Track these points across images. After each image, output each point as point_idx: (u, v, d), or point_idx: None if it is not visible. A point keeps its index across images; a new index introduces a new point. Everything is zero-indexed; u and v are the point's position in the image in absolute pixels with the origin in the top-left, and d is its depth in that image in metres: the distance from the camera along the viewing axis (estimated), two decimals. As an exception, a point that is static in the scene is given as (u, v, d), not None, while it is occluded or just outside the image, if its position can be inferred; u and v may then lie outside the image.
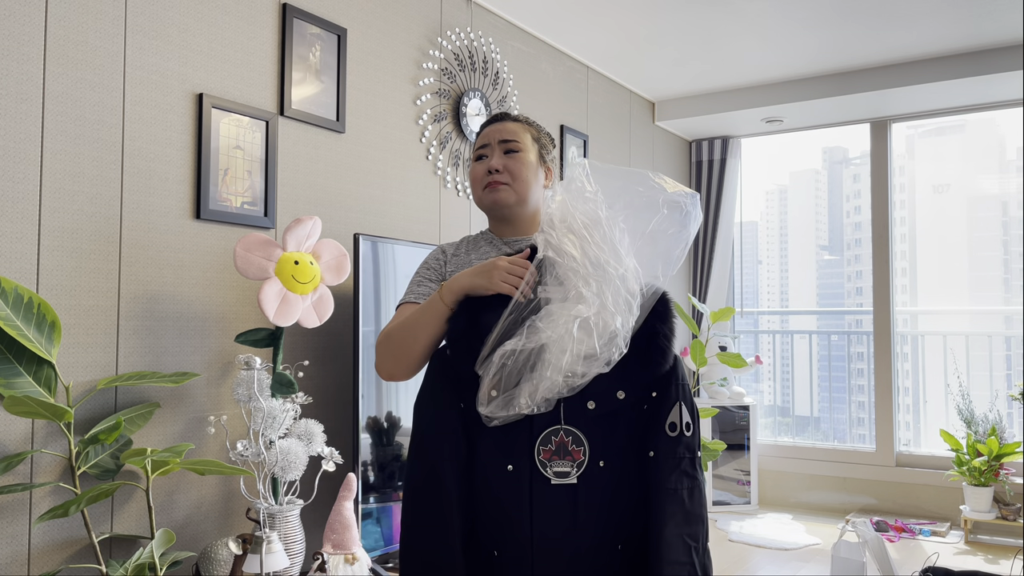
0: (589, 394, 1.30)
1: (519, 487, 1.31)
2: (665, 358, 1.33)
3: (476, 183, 1.56)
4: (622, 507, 1.33)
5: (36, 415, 1.70)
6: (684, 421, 1.33)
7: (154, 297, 2.08)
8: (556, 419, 1.31)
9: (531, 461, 1.30)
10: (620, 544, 1.33)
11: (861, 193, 5.10)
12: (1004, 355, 4.60)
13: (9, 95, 1.80)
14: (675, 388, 1.35)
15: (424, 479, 1.34)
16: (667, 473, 1.31)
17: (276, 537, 1.94)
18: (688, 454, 1.32)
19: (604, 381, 1.30)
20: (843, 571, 2.85)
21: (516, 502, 1.31)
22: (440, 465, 1.33)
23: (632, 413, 1.34)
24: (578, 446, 1.31)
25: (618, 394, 1.31)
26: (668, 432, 1.32)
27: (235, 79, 2.30)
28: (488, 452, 1.33)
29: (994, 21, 3.48)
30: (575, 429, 1.31)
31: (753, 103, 4.42)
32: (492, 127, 1.58)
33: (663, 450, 1.32)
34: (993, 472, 3.84)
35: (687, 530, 1.30)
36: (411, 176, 2.92)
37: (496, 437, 1.32)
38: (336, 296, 2.31)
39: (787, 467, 4.70)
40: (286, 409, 2.10)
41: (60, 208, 1.89)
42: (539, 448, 1.31)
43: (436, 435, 1.35)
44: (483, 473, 1.33)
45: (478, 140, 1.60)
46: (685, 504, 1.30)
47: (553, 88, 3.74)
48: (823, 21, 3.49)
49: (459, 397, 1.35)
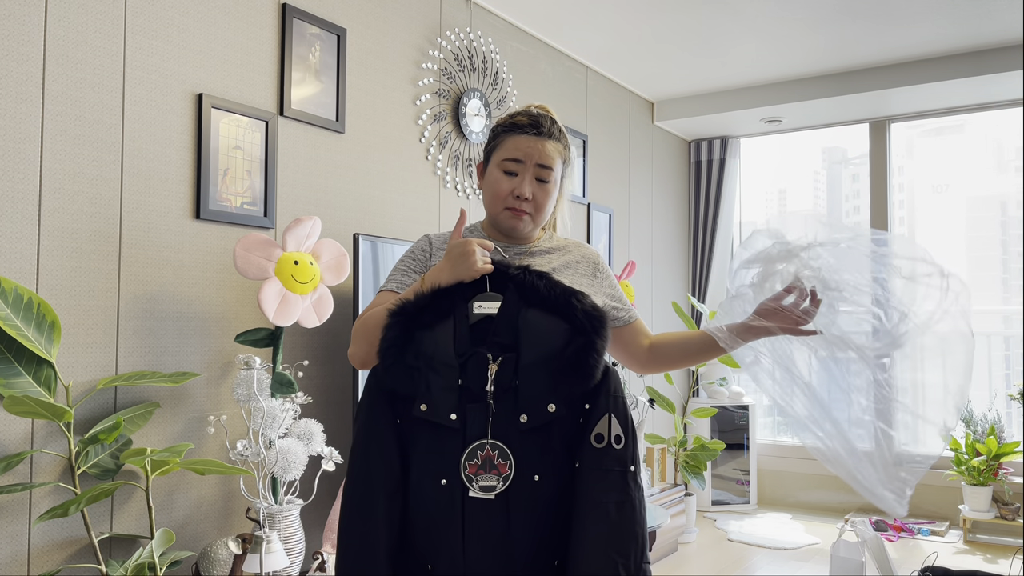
0: (522, 407, 1.30)
1: (452, 501, 1.30)
2: (594, 371, 1.31)
3: (498, 197, 1.51)
4: (559, 522, 1.32)
5: (36, 415, 1.70)
6: (613, 433, 1.30)
7: (154, 297, 2.08)
8: (484, 433, 1.30)
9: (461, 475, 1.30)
10: (557, 560, 1.32)
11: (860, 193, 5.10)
12: (1003, 355, 4.60)
13: (9, 95, 1.80)
14: (604, 398, 1.32)
15: (357, 496, 1.35)
16: (591, 485, 1.29)
17: (276, 537, 1.94)
18: (618, 467, 1.29)
19: (536, 394, 1.30)
20: (842, 571, 2.85)
21: (448, 516, 1.30)
22: (372, 482, 1.33)
23: (569, 426, 1.33)
24: (504, 460, 1.30)
25: (549, 407, 1.30)
26: (594, 443, 1.30)
27: (235, 79, 2.30)
28: (422, 466, 1.33)
29: (993, 21, 3.48)
30: (500, 443, 1.30)
31: (752, 103, 4.42)
32: (532, 144, 1.50)
33: (588, 462, 1.30)
34: (992, 472, 3.84)
35: (613, 545, 1.26)
36: (411, 176, 2.92)
37: (430, 451, 1.32)
38: (336, 296, 2.32)
39: (786, 467, 4.71)
40: (286, 409, 2.11)
41: (60, 208, 1.89)
42: (465, 463, 1.30)
43: (369, 452, 1.35)
44: (417, 487, 1.33)
45: (510, 146, 1.50)
46: (611, 517, 1.27)
47: (552, 88, 3.74)
48: (823, 21, 3.49)
49: (394, 412, 1.35)
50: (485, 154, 1.57)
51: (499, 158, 1.51)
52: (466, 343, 1.33)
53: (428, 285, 1.39)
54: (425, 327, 1.34)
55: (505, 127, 1.54)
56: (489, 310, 1.36)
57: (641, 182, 4.54)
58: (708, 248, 4.95)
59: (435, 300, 1.37)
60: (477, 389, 1.31)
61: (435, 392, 1.31)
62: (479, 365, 1.31)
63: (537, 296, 1.35)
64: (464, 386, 1.31)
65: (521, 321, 1.34)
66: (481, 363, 1.31)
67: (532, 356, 1.31)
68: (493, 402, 1.30)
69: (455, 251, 1.38)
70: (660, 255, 4.75)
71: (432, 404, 1.31)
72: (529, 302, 1.35)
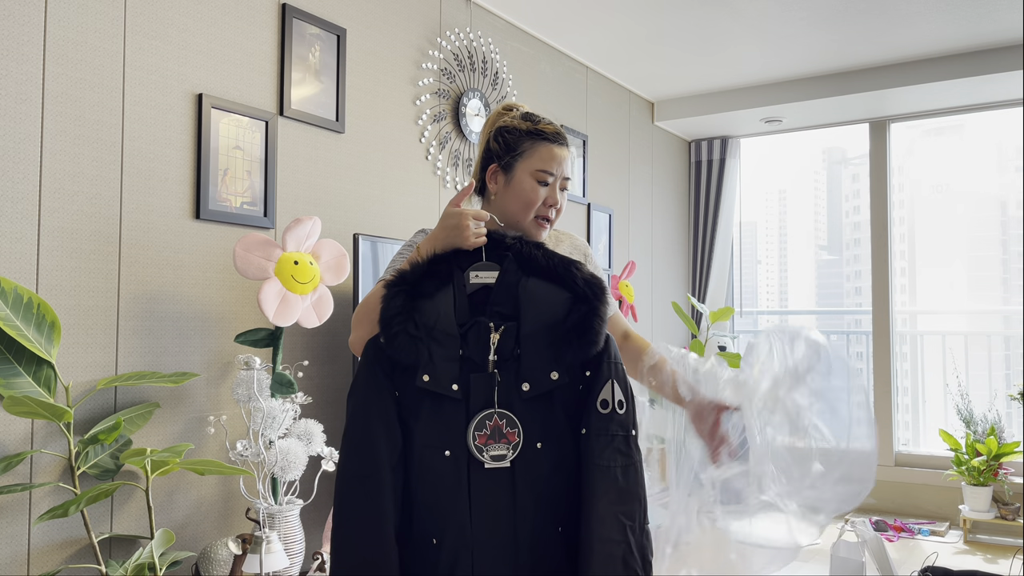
0: (524, 376, 1.31)
1: (457, 472, 1.31)
2: (597, 338, 1.34)
3: (530, 206, 1.53)
4: (561, 489, 1.34)
5: (36, 415, 1.70)
6: (616, 399, 1.33)
7: (154, 297, 2.08)
8: (490, 403, 1.32)
9: (467, 446, 1.31)
10: (560, 527, 1.34)
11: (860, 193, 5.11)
12: (1003, 355, 4.60)
13: (9, 95, 1.80)
14: (607, 366, 1.35)
15: (358, 469, 1.34)
16: (599, 450, 1.31)
17: (276, 537, 1.94)
18: (622, 432, 1.33)
19: (538, 363, 1.31)
20: (842, 571, 2.85)
21: (454, 488, 1.31)
22: (375, 455, 1.33)
23: (570, 394, 1.35)
24: (512, 428, 1.32)
25: (551, 375, 1.32)
26: (600, 409, 1.32)
27: (235, 79, 2.30)
28: (425, 438, 1.34)
29: (994, 21, 3.48)
30: (508, 412, 1.31)
31: (752, 103, 4.42)
32: (562, 154, 1.56)
33: (595, 427, 1.32)
34: (992, 472, 3.84)
35: (621, 508, 1.30)
36: (410, 176, 2.92)
37: (433, 423, 1.33)
38: (335, 296, 2.32)
39: (786, 467, 4.70)
40: (286, 409, 2.11)
41: (60, 208, 1.89)
42: (474, 433, 1.31)
43: (371, 424, 1.35)
44: (420, 460, 1.34)
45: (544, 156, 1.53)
46: (619, 481, 1.30)
47: (552, 88, 3.74)
48: (823, 21, 3.49)
49: (394, 384, 1.35)
50: (506, 159, 1.55)
51: (531, 167, 1.52)
52: (465, 313, 1.34)
53: (424, 253, 1.40)
54: (425, 296, 1.35)
55: (531, 134, 1.55)
56: (486, 280, 1.37)
57: (641, 182, 4.54)
58: (708, 248, 4.95)
59: (432, 267, 1.38)
60: (479, 359, 1.32)
61: (437, 362, 1.32)
62: (480, 334, 1.32)
63: (536, 265, 1.37)
64: (465, 356, 1.32)
65: (521, 290, 1.35)
66: (482, 332, 1.32)
67: (534, 325, 1.32)
68: (496, 371, 1.31)
69: (450, 221, 1.39)
70: (660, 255, 4.75)
71: (434, 374, 1.31)
72: (528, 271, 1.37)
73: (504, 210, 1.55)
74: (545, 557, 1.33)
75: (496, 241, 1.40)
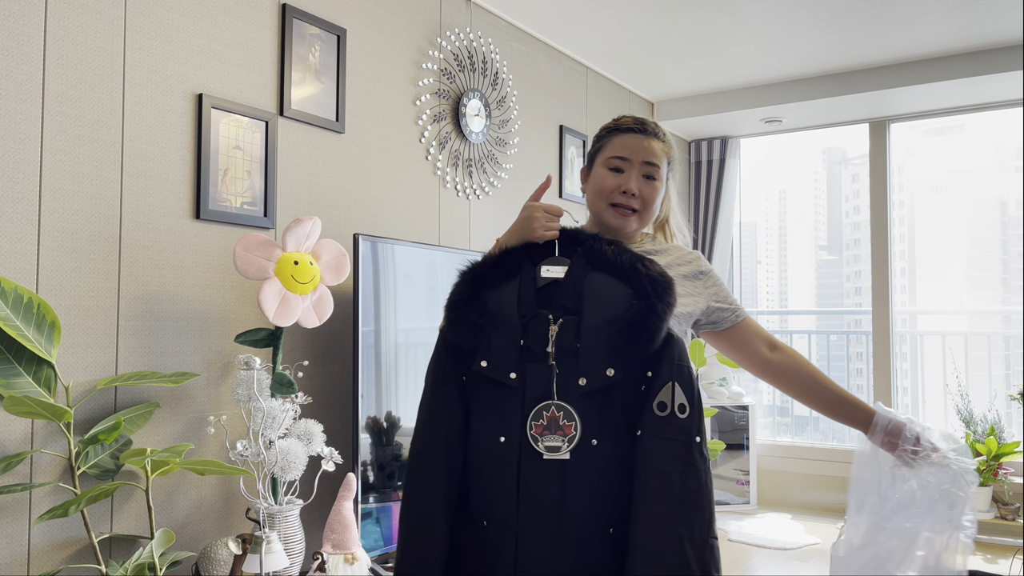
0: (582, 370, 1.31)
1: (508, 459, 1.32)
2: (654, 335, 1.30)
3: (602, 194, 1.54)
4: (615, 490, 1.31)
5: (36, 415, 1.70)
6: (677, 402, 1.29)
7: (154, 297, 2.08)
8: (548, 394, 1.32)
9: (522, 435, 1.31)
10: (612, 528, 1.31)
11: (860, 193, 5.10)
12: (1003, 355, 4.60)
13: (9, 95, 1.80)
14: (668, 367, 1.31)
15: (419, 445, 1.38)
16: (653, 454, 1.27)
17: (276, 537, 1.94)
18: (681, 436, 1.27)
19: (596, 358, 1.30)
20: (842, 571, 2.85)
21: (504, 473, 1.32)
22: (434, 433, 1.36)
23: (630, 393, 1.32)
24: (569, 421, 1.31)
25: (608, 371, 1.30)
26: (656, 411, 1.29)
27: (235, 79, 2.30)
28: (481, 423, 1.35)
29: (994, 21, 3.48)
30: (566, 404, 1.31)
31: (752, 103, 4.42)
32: (637, 141, 1.53)
33: (650, 430, 1.29)
34: (992, 472, 3.84)
35: (676, 516, 1.25)
36: (411, 176, 2.92)
37: (491, 410, 1.35)
38: (336, 296, 2.32)
39: (786, 467, 4.70)
40: (286, 409, 2.11)
41: (60, 208, 1.89)
42: (531, 423, 1.31)
43: (433, 405, 1.38)
44: (476, 444, 1.36)
45: (616, 144, 1.54)
46: (674, 488, 1.25)
47: (552, 88, 3.74)
48: (822, 21, 3.49)
49: (459, 369, 1.38)
50: (589, 159, 1.60)
51: (604, 157, 1.56)
52: (530, 304, 1.35)
53: (498, 247, 1.43)
54: (491, 286, 1.38)
55: (609, 130, 1.59)
56: (556, 274, 1.38)
57: (641, 182, 4.53)
58: (708, 248, 4.95)
59: (502, 259, 1.40)
60: (538, 350, 1.32)
61: (496, 349, 1.33)
62: (541, 326, 1.33)
63: (603, 261, 1.36)
64: (525, 346, 1.33)
65: (585, 285, 1.35)
66: (542, 324, 1.33)
67: (594, 320, 1.32)
68: (555, 363, 1.31)
69: (523, 214, 1.42)
70: (660, 255, 4.74)
71: (492, 361, 1.33)
72: (595, 267, 1.37)
73: (589, 206, 1.60)
74: (593, 554, 1.30)
75: (569, 236, 1.40)
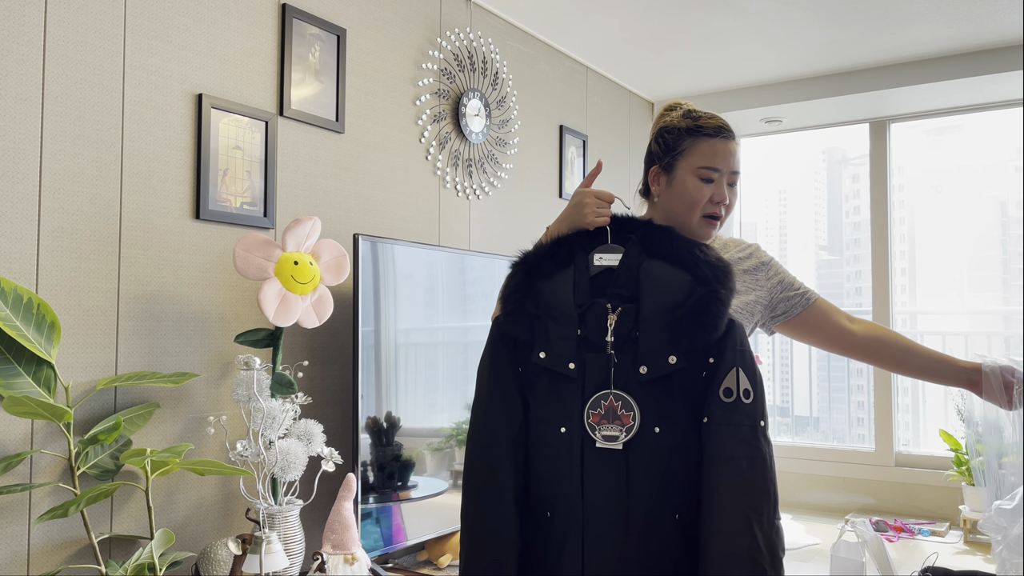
0: (642, 359, 1.29)
1: (571, 450, 1.31)
2: (717, 322, 1.29)
3: (696, 205, 1.52)
4: (680, 476, 1.30)
5: (35, 415, 1.70)
6: (742, 388, 1.29)
7: (154, 297, 2.08)
8: (606, 383, 1.30)
9: (582, 425, 1.30)
10: (677, 514, 1.31)
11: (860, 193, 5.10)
12: (1003, 355, 4.59)
13: (9, 95, 1.80)
14: (731, 353, 1.30)
15: (479, 439, 1.36)
16: (721, 440, 1.27)
17: (276, 537, 1.94)
18: (748, 422, 1.28)
19: (656, 346, 1.29)
20: (842, 571, 2.85)
21: (568, 464, 1.31)
22: (495, 426, 1.35)
23: (692, 380, 1.31)
24: (627, 411, 1.29)
25: (669, 359, 1.29)
26: (723, 398, 1.29)
27: (234, 79, 2.30)
28: (542, 414, 1.34)
29: (994, 21, 3.48)
30: (624, 394, 1.29)
31: (752, 103, 4.42)
32: (726, 148, 1.54)
33: (717, 416, 1.28)
34: (992, 472, 3.84)
35: (745, 500, 1.25)
36: (410, 176, 2.92)
37: (549, 400, 1.34)
38: (336, 296, 2.32)
39: (786, 467, 4.70)
40: (286, 409, 2.11)
41: (60, 208, 1.89)
42: (588, 412, 1.30)
43: (492, 397, 1.37)
44: (538, 435, 1.35)
45: (706, 152, 1.53)
46: (743, 473, 1.25)
47: (552, 88, 3.74)
48: (823, 21, 3.49)
49: (516, 360, 1.37)
50: (667, 159, 1.55)
51: (693, 164, 1.53)
52: (585, 293, 1.34)
53: (549, 236, 1.42)
54: (545, 277, 1.36)
55: (690, 131, 1.55)
56: (610, 262, 1.36)
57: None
58: (708, 248, 4.94)
59: (555, 248, 1.39)
60: (596, 339, 1.31)
61: (554, 340, 1.32)
62: (598, 315, 1.32)
63: (659, 247, 1.35)
64: (583, 336, 1.32)
65: (642, 272, 1.33)
66: (600, 313, 1.31)
67: (653, 307, 1.30)
68: (614, 352, 1.30)
69: (574, 200, 1.41)
70: (660, 255, 4.74)
71: (551, 352, 1.32)
72: (651, 253, 1.35)
73: (668, 211, 1.55)
74: (659, 541, 1.30)
75: (622, 223, 1.39)
